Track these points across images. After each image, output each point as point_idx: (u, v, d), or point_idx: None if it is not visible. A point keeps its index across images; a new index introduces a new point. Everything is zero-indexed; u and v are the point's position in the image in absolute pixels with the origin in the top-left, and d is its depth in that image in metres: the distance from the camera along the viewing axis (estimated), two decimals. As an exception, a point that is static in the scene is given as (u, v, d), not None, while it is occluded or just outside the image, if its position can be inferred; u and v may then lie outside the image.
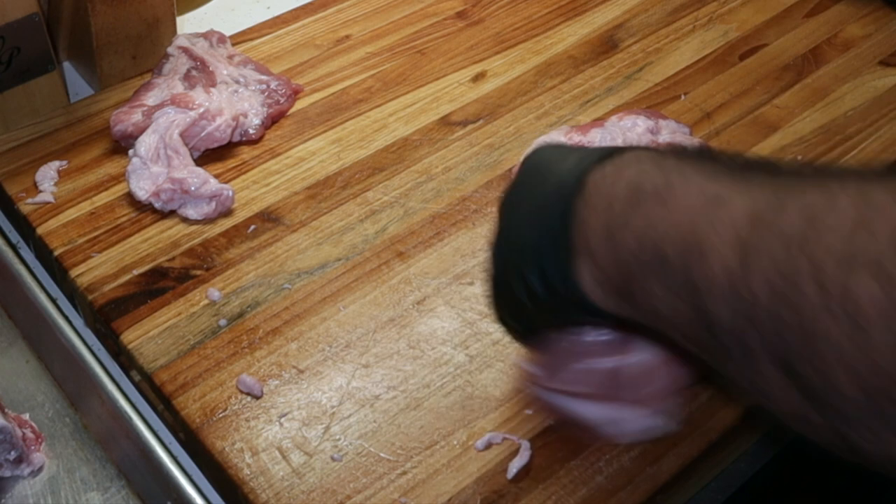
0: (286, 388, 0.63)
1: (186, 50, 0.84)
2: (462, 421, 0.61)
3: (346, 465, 0.59)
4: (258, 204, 0.76)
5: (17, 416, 0.65)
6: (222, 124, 0.78)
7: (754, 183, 0.40)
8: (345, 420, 0.62)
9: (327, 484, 0.58)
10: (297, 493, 0.58)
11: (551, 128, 0.82)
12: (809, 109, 0.85)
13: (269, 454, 0.60)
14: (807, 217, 0.37)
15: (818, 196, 0.37)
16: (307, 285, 0.69)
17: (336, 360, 0.65)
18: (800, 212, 0.37)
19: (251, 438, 0.61)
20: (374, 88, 0.87)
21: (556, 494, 0.58)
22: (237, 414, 0.62)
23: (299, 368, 0.64)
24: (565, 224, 0.48)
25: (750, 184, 0.40)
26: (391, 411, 0.62)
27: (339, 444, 0.60)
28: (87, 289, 0.69)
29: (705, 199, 0.41)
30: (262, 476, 0.59)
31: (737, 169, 0.42)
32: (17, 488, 0.64)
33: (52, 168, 0.77)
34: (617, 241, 0.45)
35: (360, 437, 0.61)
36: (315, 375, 0.64)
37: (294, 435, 0.61)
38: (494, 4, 0.97)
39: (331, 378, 0.64)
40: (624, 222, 0.45)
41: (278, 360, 0.65)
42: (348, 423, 0.62)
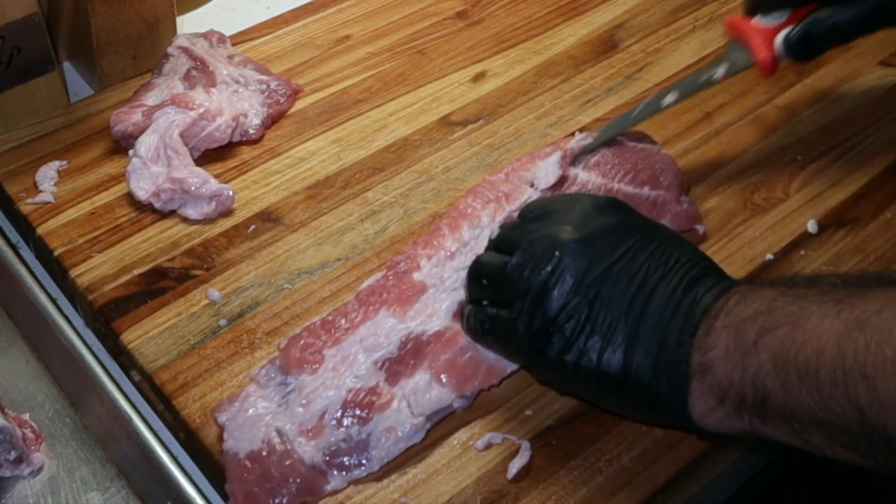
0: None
1: (186, 50, 0.84)
2: (462, 421, 0.61)
3: (346, 465, 0.59)
4: (258, 204, 0.76)
5: (17, 416, 0.65)
6: (222, 124, 0.78)
7: (880, 299, 0.46)
8: (345, 420, 0.62)
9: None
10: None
11: (551, 128, 0.82)
12: (809, 109, 0.85)
13: (269, 454, 0.60)
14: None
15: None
16: (307, 285, 0.69)
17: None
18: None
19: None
20: (374, 88, 0.87)
21: (556, 494, 0.58)
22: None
23: (299, 368, 0.64)
24: (683, 348, 0.52)
25: (877, 301, 0.46)
26: (391, 411, 0.62)
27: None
28: (87, 289, 0.69)
29: (844, 324, 0.46)
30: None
31: (853, 287, 0.48)
32: (17, 488, 0.64)
33: (52, 168, 0.77)
34: (749, 361, 0.49)
35: (360, 437, 0.61)
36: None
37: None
38: (494, 4, 0.97)
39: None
40: (755, 343, 0.49)
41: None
42: (348, 423, 0.61)
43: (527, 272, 0.56)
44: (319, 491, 0.57)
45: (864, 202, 0.76)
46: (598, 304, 0.54)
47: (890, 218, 0.75)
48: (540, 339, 0.55)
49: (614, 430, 0.61)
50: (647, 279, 0.54)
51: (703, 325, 0.52)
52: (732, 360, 0.50)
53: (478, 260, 0.62)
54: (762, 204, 0.76)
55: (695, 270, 0.55)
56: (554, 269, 0.55)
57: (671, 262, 0.55)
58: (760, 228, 0.74)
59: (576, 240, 0.56)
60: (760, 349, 0.49)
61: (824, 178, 0.78)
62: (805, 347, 0.47)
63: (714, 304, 0.52)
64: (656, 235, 0.56)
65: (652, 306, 0.53)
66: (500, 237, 0.62)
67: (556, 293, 0.54)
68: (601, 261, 0.54)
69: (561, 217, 0.58)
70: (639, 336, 0.53)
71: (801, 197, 0.77)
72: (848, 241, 0.73)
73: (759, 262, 0.71)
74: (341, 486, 0.57)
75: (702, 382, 0.51)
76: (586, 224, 0.57)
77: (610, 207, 0.58)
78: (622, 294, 0.54)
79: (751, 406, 0.50)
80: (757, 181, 0.78)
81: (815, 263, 0.71)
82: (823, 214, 0.75)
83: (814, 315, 0.48)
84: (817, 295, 0.49)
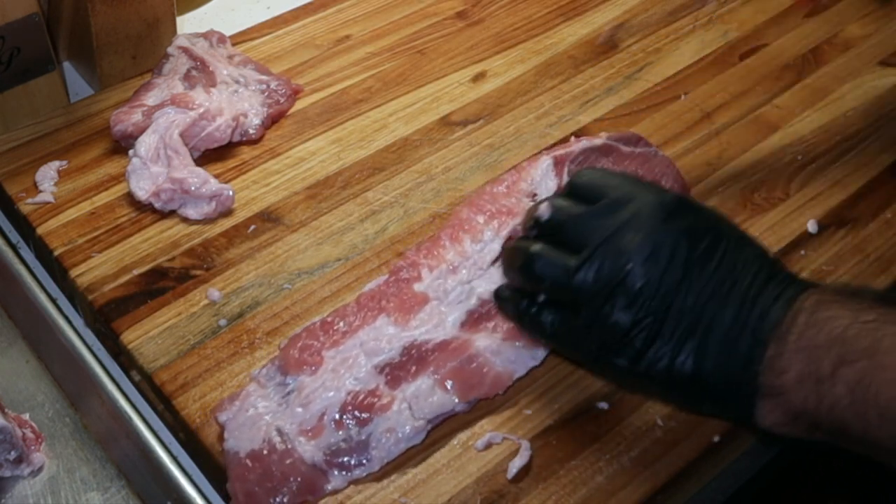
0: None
1: (186, 50, 0.84)
2: (462, 421, 0.61)
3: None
4: (258, 204, 0.76)
5: (17, 416, 0.65)
6: (222, 124, 0.78)
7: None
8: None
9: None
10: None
11: (551, 128, 0.82)
12: (809, 109, 0.85)
13: (269, 454, 0.60)
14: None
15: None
16: (307, 285, 0.69)
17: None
18: None
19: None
20: (374, 88, 0.87)
21: (556, 494, 0.58)
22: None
23: (299, 368, 0.64)
24: (753, 366, 0.52)
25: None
26: (391, 411, 0.62)
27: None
28: (87, 289, 0.69)
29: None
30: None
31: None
32: (17, 488, 0.64)
33: (52, 168, 0.77)
34: (825, 391, 0.49)
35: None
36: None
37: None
38: (494, 4, 0.97)
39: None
40: (831, 375, 0.49)
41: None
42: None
43: (596, 282, 0.54)
44: (320, 490, 0.57)
45: (864, 202, 0.76)
46: (670, 316, 0.53)
47: (890, 218, 0.75)
48: (609, 349, 0.55)
49: (614, 430, 0.61)
50: (716, 290, 0.54)
51: (773, 345, 0.52)
52: (806, 388, 0.50)
53: (533, 253, 0.57)
54: (762, 204, 0.76)
55: (762, 273, 0.54)
56: (624, 281, 0.54)
57: (738, 265, 0.54)
58: (760, 228, 0.74)
59: (646, 251, 0.54)
60: (837, 381, 0.49)
61: (824, 178, 0.78)
62: (885, 388, 0.47)
63: (783, 321, 0.52)
64: (723, 236, 0.56)
65: (720, 318, 0.53)
66: (557, 223, 0.58)
67: (627, 308, 0.54)
68: (671, 274, 0.54)
69: (626, 216, 0.56)
70: (708, 349, 0.53)
71: (801, 197, 0.77)
72: (848, 241, 0.73)
73: (759, 262, 0.71)
74: (341, 486, 0.57)
75: (774, 402, 0.52)
76: (655, 230, 0.55)
77: (677, 208, 0.56)
78: (692, 306, 0.53)
79: (826, 431, 0.50)
80: (757, 181, 0.78)
81: (815, 263, 0.71)
82: (823, 214, 0.75)
83: (891, 350, 0.48)
84: (891, 323, 0.49)
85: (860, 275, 0.70)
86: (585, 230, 0.56)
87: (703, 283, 0.54)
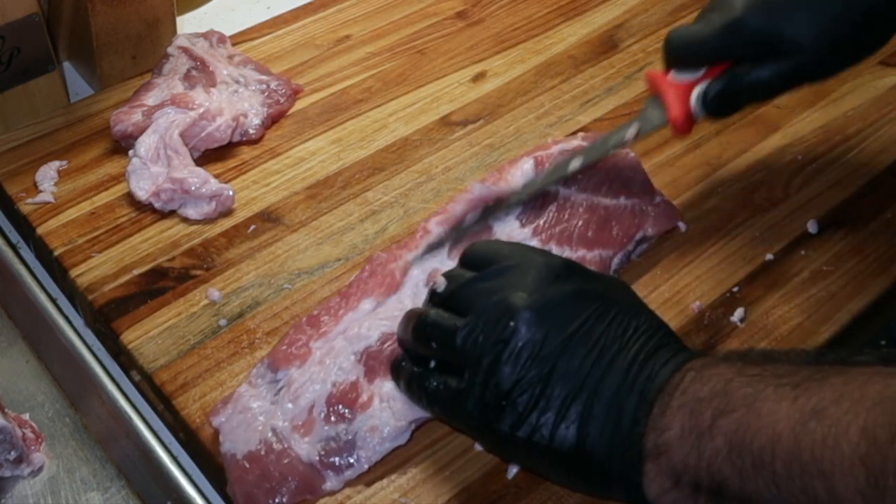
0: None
1: (186, 50, 0.84)
2: (462, 421, 0.61)
3: (346, 465, 0.59)
4: (258, 204, 0.76)
5: (17, 416, 0.65)
6: (222, 124, 0.78)
7: (838, 387, 0.45)
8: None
9: (327, 484, 0.58)
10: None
11: (551, 128, 0.82)
12: (809, 109, 0.85)
13: (269, 454, 0.60)
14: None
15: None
16: (307, 285, 0.69)
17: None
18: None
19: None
20: (374, 88, 0.87)
21: (556, 494, 0.58)
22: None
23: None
24: (638, 427, 0.50)
25: (834, 389, 0.45)
26: (391, 411, 0.62)
27: (339, 444, 0.60)
28: (87, 289, 0.69)
29: (801, 412, 0.45)
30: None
31: (812, 368, 0.47)
32: (17, 488, 0.64)
33: (52, 168, 0.77)
34: (704, 445, 0.48)
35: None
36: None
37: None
38: (494, 4, 0.97)
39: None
40: (710, 426, 0.48)
41: (278, 360, 0.65)
42: (348, 423, 0.61)
43: (479, 342, 0.53)
44: (318, 490, 0.57)
45: (864, 202, 0.76)
46: (553, 378, 0.52)
47: (890, 218, 0.75)
48: (491, 412, 0.53)
49: (614, 430, 0.61)
50: (603, 352, 0.52)
51: (658, 404, 0.50)
52: (688, 443, 0.48)
53: (424, 317, 0.57)
54: (762, 204, 0.76)
55: (652, 342, 0.53)
56: (508, 340, 0.52)
57: (629, 332, 0.53)
58: (760, 228, 0.74)
59: (532, 310, 0.53)
60: (716, 433, 0.47)
61: (824, 178, 0.78)
62: (760, 435, 0.46)
63: (670, 381, 0.51)
64: (614, 303, 0.55)
65: (607, 382, 0.52)
66: (448, 292, 0.58)
67: (510, 367, 0.52)
68: (557, 333, 0.52)
69: (515, 279, 0.55)
70: (593, 413, 0.51)
71: (801, 197, 0.77)
72: (848, 241, 0.73)
73: (759, 262, 0.71)
74: (338, 487, 0.57)
75: (657, 464, 0.50)
76: (543, 291, 0.54)
77: (566, 272, 0.56)
78: (577, 368, 0.52)
79: (706, 491, 0.48)
80: (757, 181, 0.78)
81: (815, 263, 0.71)
82: (823, 214, 0.75)
83: (769, 399, 0.47)
84: (773, 377, 0.48)
85: (860, 275, 0.70)
86: (473, 293, 0.56)
87: (589, 346, 0.52)
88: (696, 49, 0.67)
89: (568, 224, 0.69)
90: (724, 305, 0.68)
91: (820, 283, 0.70)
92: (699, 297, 0.69)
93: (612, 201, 0.71)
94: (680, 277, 0.70)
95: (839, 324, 0.67)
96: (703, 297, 0.69)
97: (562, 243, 0.69)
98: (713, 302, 0.68)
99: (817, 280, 0.70)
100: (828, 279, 0.70)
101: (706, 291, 0.69)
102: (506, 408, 0.52)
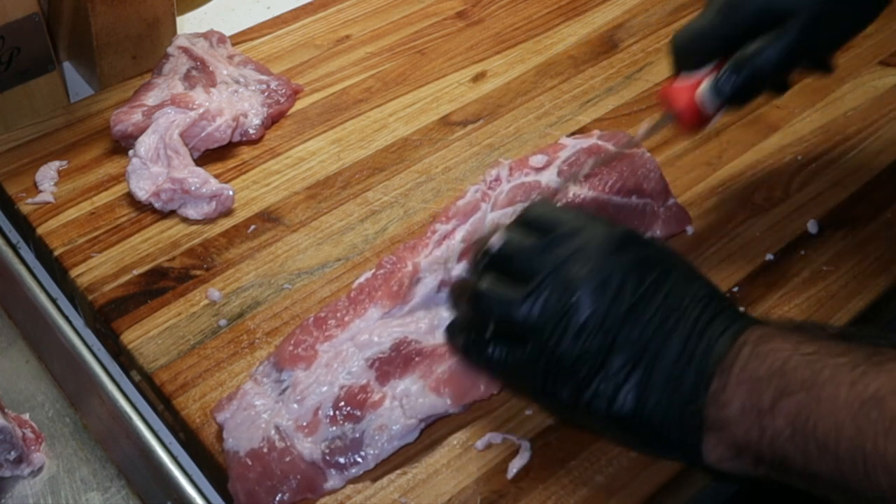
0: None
1: (186, 50, 0.84)
2: (462, 421, 0.61)
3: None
4: (258, 204, 0.76)
5: (17, 416, 0.65)
6: (222, 124, 0.78)
7: (893, 373, 0.46)
8: (345, 420, 0.62)
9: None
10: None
11: (551, 128, 0.82)
12: (809, 109, 0.85)
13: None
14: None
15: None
16: (307, 285, 0.69)
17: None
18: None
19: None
20: (374, 88, 0.87)
21: (556, 494, 0.58)
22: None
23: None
24: (698, 399, 0.51)
25: (890, 375, 0.46)
26: (391, 411, 0.62)
27: (339, 444, 0.60)
28: (87, 289, 0.69)
29: (860, 400, 0.46)
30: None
31: (871, 352, 0.48)
32: (17, 488, 0.64)
33: (52, 168, 0.77)
34: (766, 424, 0.49)
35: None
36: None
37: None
38: (494, 4, 0.97)
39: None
40: (772, 407, 0.49)
41: (278, 360, 0.65)
42: (348, 423, 0.61)
43: (543, 314, 0.54)
44: (319, 489, 0.57)
45: (864, 202, 0.76)
46: (615, 348, 0.53)
47: (890, 218, 0.75)
48: (553, 380, 0.54)
49: (614, 430, 0.61)
50: (663, 322, 0.53)
51: (717, 379, 0.51)
52: (749, 420, 0.50)
53: (480, 287, 0.57)
54: (762, 204, 0.76)
55: (709, 310, 0.54)
56: (572, 314, 0.53)
57: (685, 300, 0.54)
58: (760, 228, 0.74)
59: (594, 282, 0.54)
60: (777, 414, 0.49)
61: (824, 178, 0.78)
62: (823, 421, 0.47)
63: (728, 354, 0.52)
64: (671, 271, 0.55)
65: (666, 351, 0.53)
66: (505, 256, 0.57)
67: (573, 340, 0.53)
68: (619, 304, 0.53)
69: (575, 248, 0.55)
70: (652, 381, 0.52)
71: (801, 197, 0.76)
72: (848, 241, 0.73)
73: (759, 262, 0.71)
74: (339, 485, 0.57)
75: (718, 437, 0.51)
76: (604, 262, 0.54)
77: (625, 242, 0.56)
78: (638, 337, 0.53)
79: (768, 464, 0.50)
80: (757, 181, 0.78)
81: (815, 263, 0.71)
82: (823, 214, 0.75)
83: (827, 382, 0.48)
84: (830, 356, 0.49)
85: (860, 275, 0.70)
86: (533, 262, 0.56)
87: (649, 315, 0.53)
88: (700, 38, 0.67)
89: None
90: (724, 305, 0.68)
91: (820, 283, 0.70)
92: (699, 297, 0.69)
93: (622, 200, 0.71)
94: (680, 277, 0.70)
95: (839, 324, 0.67)
96: (703, 297, 0.69)
97: None
98: (713, 302, 0.68)
99: (817, 280, 0.70)
100: (828, 279, 0.70)
101: (706, 291, 0.69)
102: (568, 376, 0.54)
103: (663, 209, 0.72)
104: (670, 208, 0.72)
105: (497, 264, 0.57)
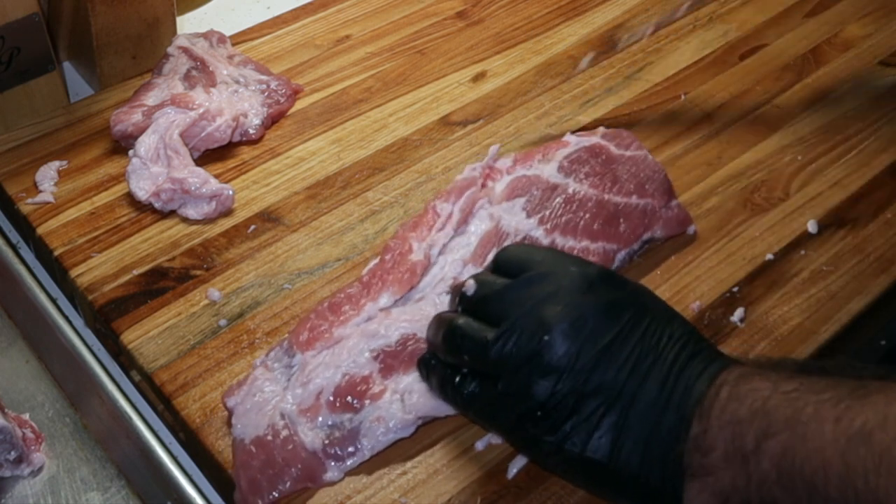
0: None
1: (186, 50, 0.84)
2: (462, 421, 0.61)
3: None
4: (258, 204, 0.76)
5: (17, 416, 0.65)
6: (222, 124, 0.78)
7: (880, 406, 0.45)
8: (345, 420, 0.62)
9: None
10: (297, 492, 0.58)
11: (551, 128, 0.83)
12: (809, 109, 0.85)
13: (269, 454, 0.60)
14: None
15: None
16: (307, 285, 0.69)
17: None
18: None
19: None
20: (374, 88, 0.87)
21: (556, 494, 0.58)
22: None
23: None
24: (678, 445, 0.50)
25: (877, 409, 0.45)
26: (391, 411, 0.62)
27: (339, 444, 0.60)
28: (87, 289, 0.69)
29: (846, 436, 0.45)
30: (262, 476, 0.59)
31: (854, 385, 0.46)
32: (17, 488, 0.64)
33: (52, 168, 0.77)
34: (752, 468, 0.48)
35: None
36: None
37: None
38: (494, 4, 0.97)
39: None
40: (755, 449, 0.48)
41: (278, 360, 0.65)
42: (348, 423, 0.62)
43: (513, 355, 0.53)
44: (318, 479, 0.57)
45: (864, 202, 0.76)
46: (588, 390, 0.52)
47: (890, 218, 0.75)
48: (525, 420, 0.53)
49: (614, 430, 0.61)
50: (638, 364, 0.52)
51: (697, 422, 0.50)
52: (734, 465, 0.48)
53: (454, 326, 0.56)
54: (762, 204, 0.76)
55: (686, 350, 0.53)
56: (543, 354, 0.52)
57: (662, 341, 0.53)
58: (760, 228, 0.74)
59: (567, 323, 0.53)
60: (762, 457, 0.47)
61: (824, 178, 0.78)
62: (809, 460, 0.46)
63: (707, 395, 0.51)
64: (647, 311, 0.54)
65: (642, 394, 0.51)
66: (478, 298, 0.57)
67: (545, 381, 0.52)
68: (592, 346, 0.52)
69: (549, 289, 0.55)
70: (628, 425, 0.51)
71: (801, 197, 0.77)
72: (848, 241, 0.73)
73: (759, 262, 0.71)
74: (338, 477, 0.58)
75: (702, 483, 0.50)
76: (577, 303, 0.54)
77: (599, 281, 0.55)
78: (613, 380, 0.52)
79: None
80: (757, 181, 0.78)
81: (815, 263, 0.71)
82: (823, 214, 0.75)
83: (811, 420, 0.46)
84: (811, 393, 0.48)
85: (860, 275, 0.70)
86: (506, 303, 0.55)
87: (624, 356, 0.52)
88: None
89: (574, 215, 0.69)
90: (724, 305, 0.68)
91: (820, 283, 0.70)
92: (699, 297, 0.69)
93: (623, 199, 0.71)
94: (680, 277, 0.70)
95: (839, 324, 0.67)
96: (703, 297, 0.69)
97: (566, 233, 0.69)
98: (713, 302, 0.68)
99: (817, 280, 0.70)
100: (828, 279, 0.70)
101: (706, 291, 0.69)
102: (540, 417, 0.52)
103: (665, 210, 0.72)
104: (672, 209, 0.72)
105: (472, 307, 0.57)
